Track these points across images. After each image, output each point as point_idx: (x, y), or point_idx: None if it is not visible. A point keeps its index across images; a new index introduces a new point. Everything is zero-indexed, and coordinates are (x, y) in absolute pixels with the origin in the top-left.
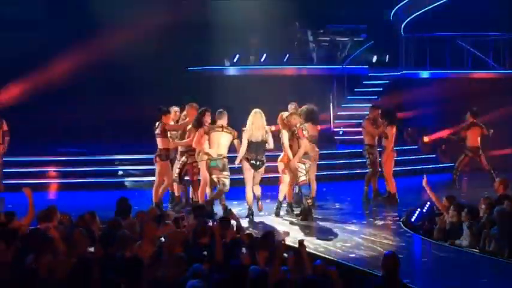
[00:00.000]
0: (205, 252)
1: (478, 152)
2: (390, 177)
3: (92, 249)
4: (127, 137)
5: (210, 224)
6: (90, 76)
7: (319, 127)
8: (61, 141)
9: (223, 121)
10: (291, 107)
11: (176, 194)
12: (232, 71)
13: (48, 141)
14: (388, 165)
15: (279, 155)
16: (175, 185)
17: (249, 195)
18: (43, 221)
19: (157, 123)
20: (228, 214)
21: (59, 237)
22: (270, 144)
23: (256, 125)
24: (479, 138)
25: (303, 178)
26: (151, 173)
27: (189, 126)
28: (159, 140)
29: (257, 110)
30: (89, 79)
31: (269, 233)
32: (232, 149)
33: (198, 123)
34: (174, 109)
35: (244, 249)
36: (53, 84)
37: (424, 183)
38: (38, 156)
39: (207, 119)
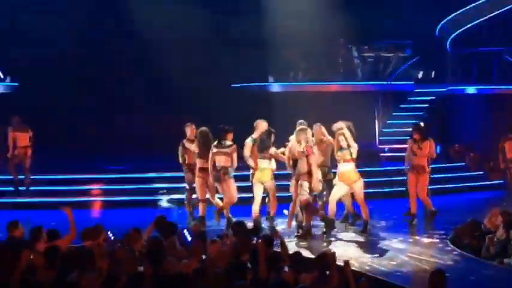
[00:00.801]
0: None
1: None
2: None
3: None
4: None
5: (254, 241)
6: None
7: None
8: (99, 157)
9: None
10: (315, 127)
11: (202, 214)
12: (276, 87)
13: (90, 158)
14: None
15: None
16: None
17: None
18: (89, 239)
19: (224, 142)
20: (272, 232)
21: (103, 255)
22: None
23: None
24: None
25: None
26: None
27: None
28: (223, 158)
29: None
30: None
31: (325, 253)
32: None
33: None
34: (192, 126)
35: (286, 268)
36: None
37: None
38: (80, 173)
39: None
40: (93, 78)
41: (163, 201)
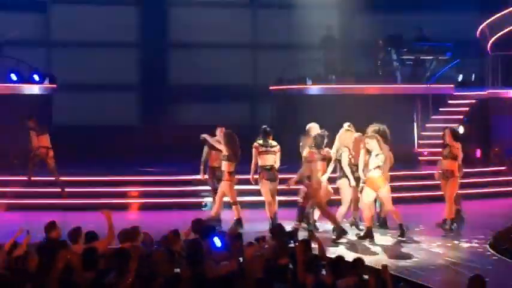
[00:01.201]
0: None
1: None
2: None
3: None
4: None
5: (292, 244)
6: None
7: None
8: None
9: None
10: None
11: (236, 216)
12: (314, 90)
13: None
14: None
15: None
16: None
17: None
18: (126, 240)
19: (270, 142)
20: (310, 235)
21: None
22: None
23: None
24: None
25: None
26: None
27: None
28: (272, 158)
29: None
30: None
31: (359, 258)
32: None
33: None
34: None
35: (324, 271)
36: None
37: None
38: (117, 175)
39: None
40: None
41: (205, 204)
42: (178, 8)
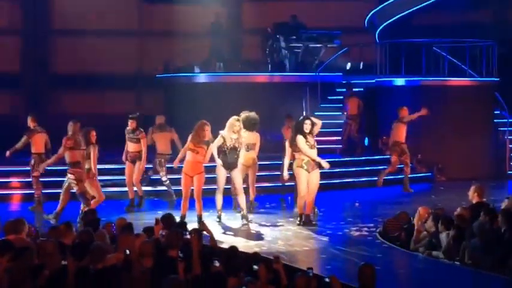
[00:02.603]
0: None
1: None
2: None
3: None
4: None
5: (188, 236)
6: None
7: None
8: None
9: None
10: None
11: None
12: (201, 78)
13: None
14: None
15: None
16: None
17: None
18: (11, 233)
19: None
20: (201, 225)
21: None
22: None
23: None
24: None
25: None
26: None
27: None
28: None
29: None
30: None
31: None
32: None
33: None
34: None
35: (217, 262)
36: None
37: None
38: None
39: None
40: None
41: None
42: None
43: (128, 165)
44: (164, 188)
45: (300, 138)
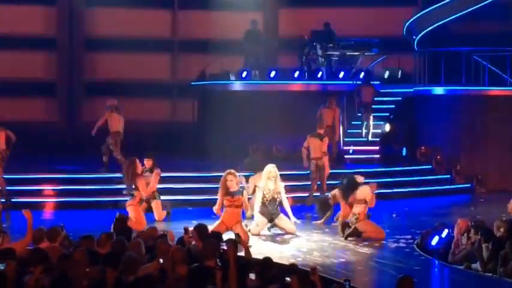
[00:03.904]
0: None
1: None
2: None
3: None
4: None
5: (224, 247)
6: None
7: None
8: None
9: None
10: None
11: None
12: (237, 86)
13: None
14: None
15: None
16: None
17: None
18: (44, 241)
19: None
20: (237, 237)
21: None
22: None
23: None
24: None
25: None
26: None
27: None
28: None
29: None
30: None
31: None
32: None
33: None
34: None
35: (252, 275)
36: None
37: None
38: (34, 173)
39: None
40: None
41: None
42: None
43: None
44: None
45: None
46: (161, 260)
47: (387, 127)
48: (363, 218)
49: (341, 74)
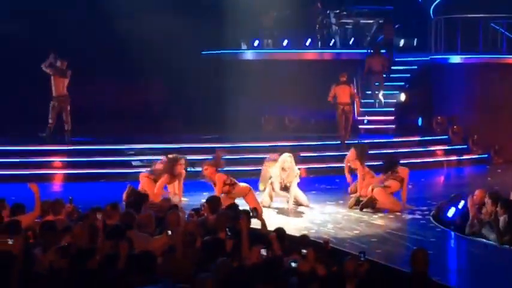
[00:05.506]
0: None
1: None
2: None
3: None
4: (136, 124)
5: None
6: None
7: None
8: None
9: None
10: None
11: None
12: (249, 55)
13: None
14: None
15: None
16: None
17: None
18: (51, 213)
19: None
20: (253, 211)
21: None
22: None
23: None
24: None
25: None
26: None
27: None
28: None
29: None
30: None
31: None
32: None
33: None
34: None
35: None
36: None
37: None
38: (43, 145)
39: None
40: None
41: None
42: None
43: None
44: None
45: None
46: (169, 232)
47: (402, 96)
48: (384, 192)
49: (351, 41)
